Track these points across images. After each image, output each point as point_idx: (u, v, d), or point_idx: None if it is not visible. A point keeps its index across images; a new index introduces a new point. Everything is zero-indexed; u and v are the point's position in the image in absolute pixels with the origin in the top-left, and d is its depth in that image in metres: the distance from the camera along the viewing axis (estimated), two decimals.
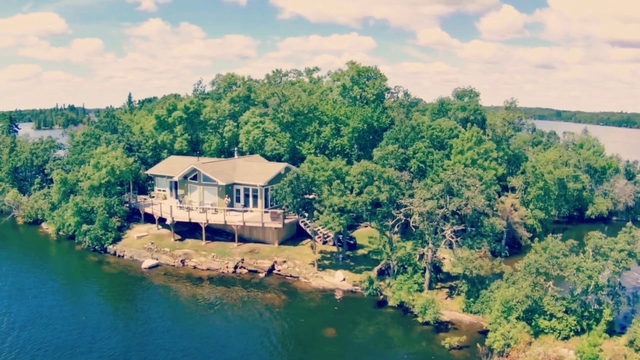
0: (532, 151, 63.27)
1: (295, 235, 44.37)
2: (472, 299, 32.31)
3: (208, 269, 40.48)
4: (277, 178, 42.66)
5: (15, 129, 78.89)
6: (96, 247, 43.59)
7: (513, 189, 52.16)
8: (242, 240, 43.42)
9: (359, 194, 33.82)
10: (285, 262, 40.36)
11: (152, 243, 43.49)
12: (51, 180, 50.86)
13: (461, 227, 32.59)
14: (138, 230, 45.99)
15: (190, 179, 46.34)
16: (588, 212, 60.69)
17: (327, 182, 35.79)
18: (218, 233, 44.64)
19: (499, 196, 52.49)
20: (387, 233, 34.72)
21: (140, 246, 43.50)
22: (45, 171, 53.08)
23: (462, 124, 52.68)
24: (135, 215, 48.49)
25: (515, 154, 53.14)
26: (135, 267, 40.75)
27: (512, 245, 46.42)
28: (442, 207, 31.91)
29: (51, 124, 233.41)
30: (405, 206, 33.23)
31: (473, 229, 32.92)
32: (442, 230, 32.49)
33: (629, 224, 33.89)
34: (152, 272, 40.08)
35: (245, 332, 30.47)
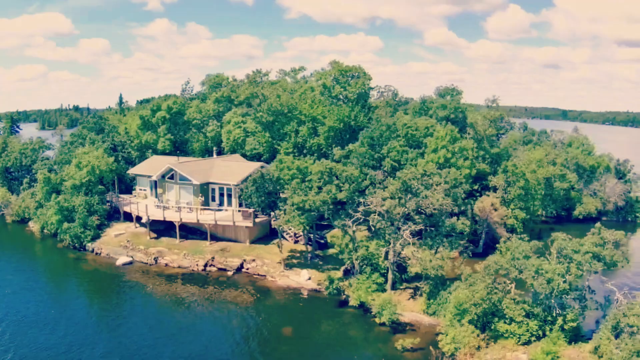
0: (522, 150, 61.89)
1: (268, 235, 44.42)
2: (432, 300, 31.72)
3: (179, 267, 40.99)
4: None
5: (17, 129, 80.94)
6: (76, 244, 44.48)
7: (495, 188, 50.99)
8: (216, 238, 43.71)
9: (319, 192, 33.57)
10: (254, 260, 40.48)
11: (128, 241, 44.18)
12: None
13: (420, 227, 31.96)
14: (117, 229, 46.79)
15: (168, 178, 46.87)
16: (576, 212, 59.03)
17: (292, 180, 35.64)
18: (193, 232, 45.07)
19: (480, 195, 51.51)
20: (350, 232, 34.35)
21: (117, 244, 44.23)
22: (33, 171, 54.48)
23: (441, 123, 51.77)
24: (116, 214, 49.30)
25: (497, 152, 51.93)
26: (111, 264, 41.52)
27: (492, 246, 45.41)
28: (403, 207, 31.35)
29: (55, 124, 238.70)
30: (367, 205, 32.82)
31: (433, 228, 32.27)
32: (404, 230, 31.94)
33: (598, 224, 32.75)
34: (126, 269, 40.85)
35: (208, 329, 30.85)
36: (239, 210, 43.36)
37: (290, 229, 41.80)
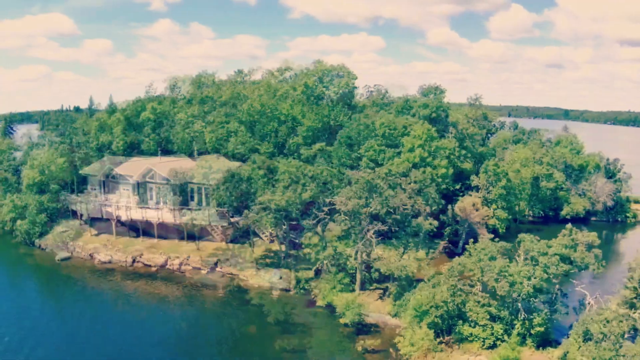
0: (512, 149, 61.18)
1: (246, 233, 43.63)
2: (397, 302, 30.98)
3: (109, 262, 41.21)
4: None
5: (12, 130, 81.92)
6: (27, 240, 45.66)
7: (478, 188, 50.26)
8: (193, 238, 43.09)
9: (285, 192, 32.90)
10: (228, 260, 39.63)
11: (69, 237, 44.07)
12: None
13: (386, 227, 31.22)
14: (65, 226, 46.32)
15: (111, 178, 47.05)
16: (563, 212, 58.15)
17: (260, 180, 35.01)
18: (130, 229, 44.61)
19: (463, 195, 50.75)
20: (319, 232, 33.66)
21: (60, 240, 44.00)
22: None
23: (426, 122, 51.11)
24: (67, 213, 49.25)
25: (481, 152, 51.19)
26: (51, 259, 41.62)
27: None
28: (367, 206, 30.65)
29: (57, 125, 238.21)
30: (333, 205, 32.14)
31: (398, 228, 31.53)
32: (368, 230, 31.25)
33: (569, 225, 31.96)
34: (63, 263, 41.10)
35: (165, 323, 30.60)
36: (216, 211, 42.74)
37: (266, 229, 41.15)
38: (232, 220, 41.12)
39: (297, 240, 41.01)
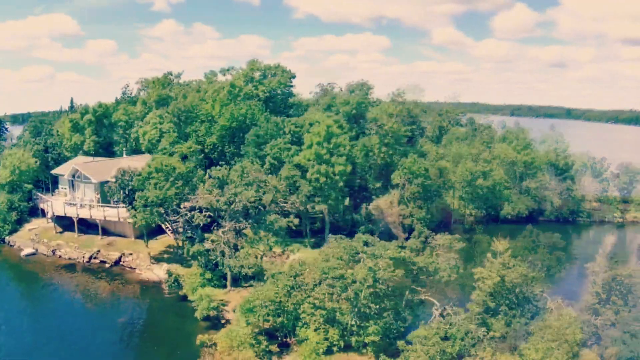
0: (455, 146, 59.22)
1: (157, 230, 46.40)
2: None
3: (69, 258, 44.62)
4: None
5: (5, 131, 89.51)
6: None
7: (398, 186, 49.50)
8: (108, 233, 46.54)
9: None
10: (131, 254, 42.96)
11: (36, 235, 48.40)
12: None
13: (240, 224, 32.45)
14: (34, 224, 51.46)
15: (77, 177, 50.52)
16: (503, 212, 55.58)
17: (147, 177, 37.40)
18: (92, 227, 48.24)
19: (385, 192, 50.23)
20: (186, 229, 35.56)
21: (27, 237, 48.59)
22: None
23: (346, 119, 51.09)
24: (37, 211, 53.97)
25: (404, 149, 50.31)
26: (18, 255, 46.46)
27: None
28: (217, 202, 32.07)
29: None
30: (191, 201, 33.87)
31: (250, 223, 32.60)
32: (224, 226, 32.65)
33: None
34: (28, 259, 45.75)
35: (55, 310, 35.11)
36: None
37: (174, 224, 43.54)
38: None
39: (194, 237, 42.86)
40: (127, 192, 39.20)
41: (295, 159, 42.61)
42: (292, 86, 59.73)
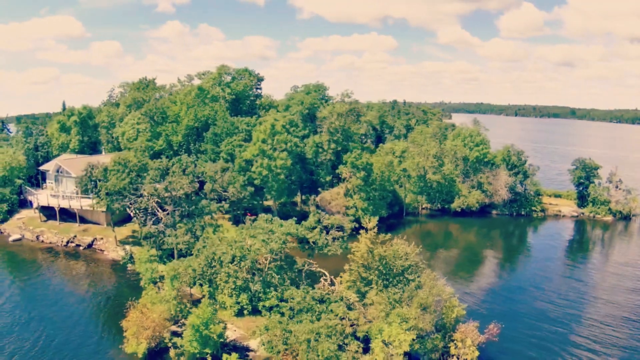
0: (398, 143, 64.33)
1: (129, 218, 52.80)
2: None
3: (50, 242, 51.56)
4: None
5: (8, 132, 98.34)
6: None
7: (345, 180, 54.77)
8: (85, 221, 53.35)
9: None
10: (102, 238, 49.63)
11: (23, 223, 55.70)
12: None
13: (182, 208, 38.49)
14: (23, 214, 58.81)
15: (59, 172, 57.65)
16: (454, 205, 60.17)
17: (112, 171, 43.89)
18: (72, 216, 55.23)
19: (335, 185, 55.75)
20: (140, 216, 41.80)
21: (15, 225, 55.97)
22: None
23: (301, 118, 56.75)
24: (27, 202, 61.43)
25: (345, 145, 55.58)
26: (6, 240, 53.67)
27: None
28: (156, 190, 38.24)
29: None
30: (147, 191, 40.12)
31: (189, 208, 38.57)
32: (163, 211, 38.73)
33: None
34: (14, 243, 52.89)
35: (34, 285, 41.56)
36: None
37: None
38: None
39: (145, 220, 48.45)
40: (95, 184, 45.85)
41: (243, 155, 48.55)
42: (259, 88, 65.92)
